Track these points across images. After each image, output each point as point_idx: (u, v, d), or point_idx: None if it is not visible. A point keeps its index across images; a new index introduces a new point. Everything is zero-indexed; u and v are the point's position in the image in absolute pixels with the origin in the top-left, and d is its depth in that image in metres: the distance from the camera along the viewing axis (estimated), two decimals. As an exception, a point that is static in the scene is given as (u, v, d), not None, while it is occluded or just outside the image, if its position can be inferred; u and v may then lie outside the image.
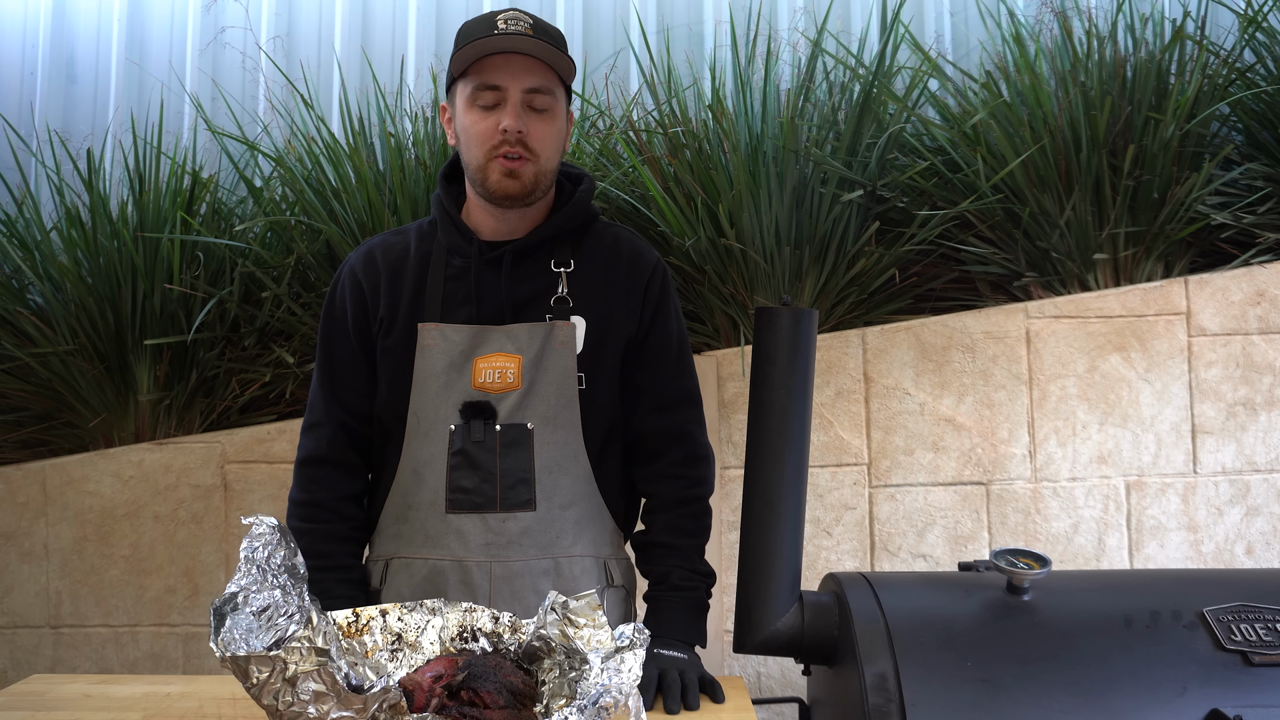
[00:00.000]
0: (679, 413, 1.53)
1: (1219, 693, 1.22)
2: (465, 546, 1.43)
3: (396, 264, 1.51)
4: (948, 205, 2.55)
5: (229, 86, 3.07)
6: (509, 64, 1.40)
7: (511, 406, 1.44)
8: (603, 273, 1.50)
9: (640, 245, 1.55)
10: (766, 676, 2.37)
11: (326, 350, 1.53)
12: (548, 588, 1.44)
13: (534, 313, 1.47)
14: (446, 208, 1.51)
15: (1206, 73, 2.57)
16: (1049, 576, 1.36)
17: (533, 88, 1.41)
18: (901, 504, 2.38)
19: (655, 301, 1.52)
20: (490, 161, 1.42)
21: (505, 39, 1.39)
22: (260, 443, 2.46)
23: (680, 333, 1.55)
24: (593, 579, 1.48)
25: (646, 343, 1.51)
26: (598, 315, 1.48)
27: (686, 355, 1.56)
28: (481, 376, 1.44)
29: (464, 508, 1.43)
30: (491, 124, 1.41)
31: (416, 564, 1.46)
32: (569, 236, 1.51)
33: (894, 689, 1.24)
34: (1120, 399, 2.39)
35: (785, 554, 1.46)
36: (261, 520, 1.04)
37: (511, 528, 1.43)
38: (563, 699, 1.07)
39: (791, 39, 2.91)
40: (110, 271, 2.57)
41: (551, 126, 1.44)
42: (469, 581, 1.43)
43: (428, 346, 1.45)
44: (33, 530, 2.47)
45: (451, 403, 1.44)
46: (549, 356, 1.45)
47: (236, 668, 0.94)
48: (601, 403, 1.49)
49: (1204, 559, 2.36)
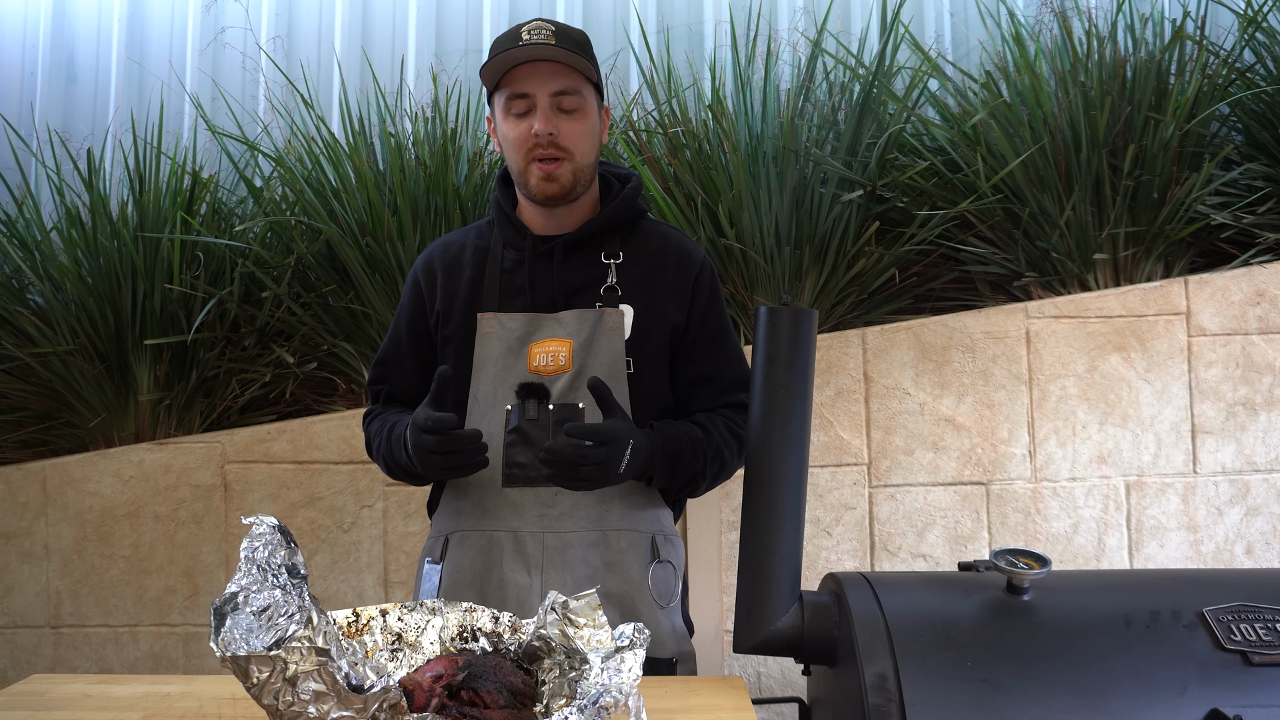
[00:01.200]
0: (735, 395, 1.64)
1: (1219, 693, 1.22)
2: (520, 518, 1.51)
3: (453, 261, 1.63)
4: (948, 205, 2.55)
5: (229, 86, 3.07)
6: (535, 72, 1.50)
7: (563, 388, 1.52)
8: (651, 265, 1.59)
9: (688, 242, 1.65)
10: (766, 676, 2.37)
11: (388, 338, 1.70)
12: (596, 559, 1.51)
13: (584, 300, 1.56)
14: (503, 206, 1.62)
15: (1206, 73, 2.57)
16: (1049, 576, 1.36)
17: (559, 90, 1.50)
18: (901, 504, 2.39)
19: (706, 295, 1.62)
20: (529, 165, 1.52)
21: (527, 49, 1.48)
22: (260, 443, 2.46)
23: (730, 323, 1.67)
24: (638, 552, 1.54)
25: (701, 334, 1.61)
26: (646, 305, 1.57)
27: (738, 344, 1.67)
28: (536, 360, 1.53)
29: (519, 482, 1.52)
30: (525, 129, 1.51)
31: (474, 536, 1.54)
32: (618, 230, 1.61)
33: (894, 689, 1.24)
34: (1120, 399, 2.39)
35: (785, 554, 1.46)
36: (261, 520, 1.04)
37: (563, 500, 1.51)
38: (563, 699, 1.07)
39: (791, 39, 2.91)
40: (110, 271, 2.57)
41: (582, 125, 1.53)
42: (523, 551, 1.51)
43: (486, 334, 1.55)
44: (33, 530, 2.47)
45: (508, 385, 1.53)
46: (598, 341, 1.53)
47: (236, 668, 0.94)
48: (649, 386, 1.58)
49: (1204, 559, 2.36)
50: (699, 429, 1.57)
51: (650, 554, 1.55)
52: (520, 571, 1.50)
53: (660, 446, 1.51)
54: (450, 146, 2.67)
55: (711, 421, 1.59)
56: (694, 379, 1.62)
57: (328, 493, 2.45)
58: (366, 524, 2.45)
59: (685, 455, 1.54)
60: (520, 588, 1.49)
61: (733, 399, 1.63)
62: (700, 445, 1.56)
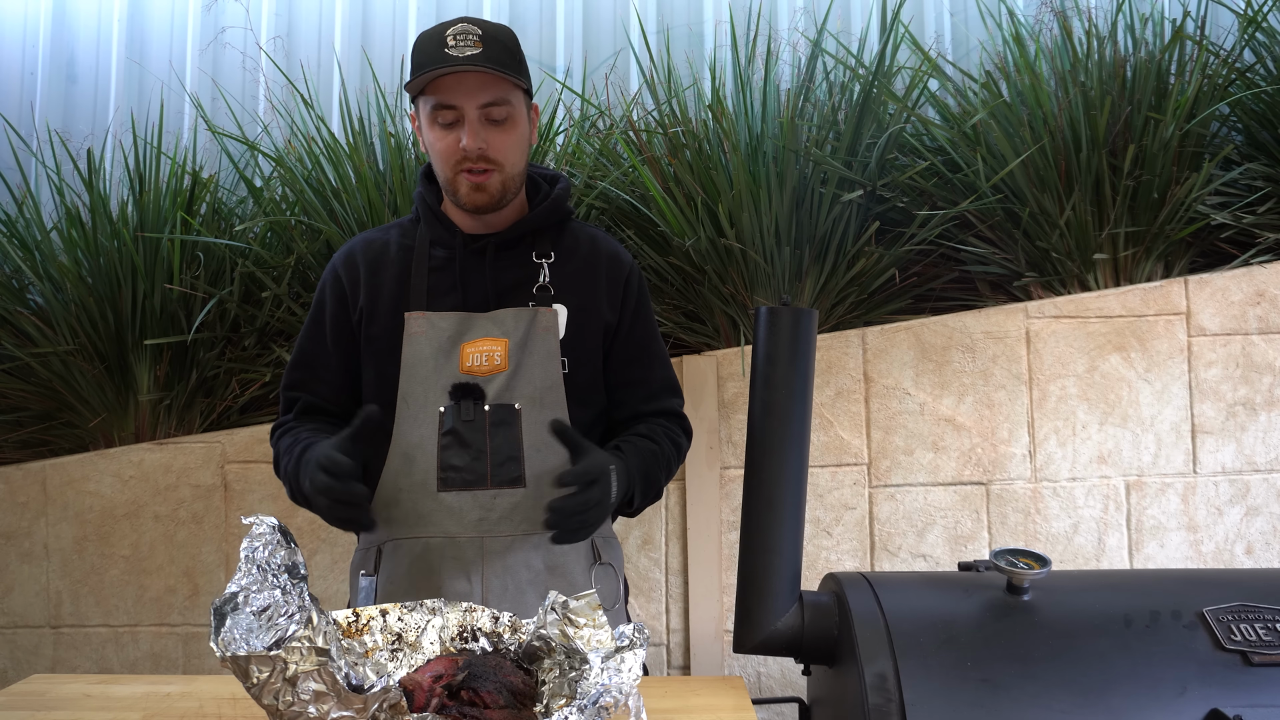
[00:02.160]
0: (665, 400, 1.63)
1: (1219, 693, 1.22)
2: (458, 523, 1.48)
3: (377, 258, 1.58)
4: (948, 205, 2.55)
5: (229, 86, 3.07)
6: (461, 82, 1.46)
7: (499, 388, 1.49)
8: (583, 266, 1.59)
9: (616, 245, 1.66)
10: (766, 676, 2.37)
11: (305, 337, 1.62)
12: (538, 562, 1.49)
13: (517, 299, 1.54)
14: (429, 203, 1.59)
15: (1206, 73, 2.57)
16: (1049, 576, 1.36)
17: (488, 102, 1.47)
18: (901, 504, 2.39)
19: (635, 297, 1.62)
20: (457, 176, 1.50)
21: (454, 64, 1.43)
22: (260, 443, 2.46)
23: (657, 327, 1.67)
24: (580, 554, 1.53)
25: (631, 338, 1.61)
26: (578, 304, 1.56)
27: (664, 347, 1.68)
28: (469, 360, 1.50)
29: (455, 485, 1.48)
30: (453, 141, 1.48)
31: (408, 544, 1.50)
32: (548, 231, 1.60)
33: (894, 689, 1.24)
34: (1120, 399, 2.39)
35: (785, 554, 1.46)
36: (261, 520, 1.04)
37: (502, 503, 1.48)
38: (563, 699, 1.07)
39: (791, 39, 2.91)
40: (110, 271, 2.57)
41: (511, 135, 1.50)
42: (461, 557, 1.47)
43: (415, 334, 1.51)
44: (33, 530, 2.47)
45: (440, 386, 1.49)
46: (534, 340, 1.51)
47: (237, 668, 0.94)
48: (585, 385, 1.56)
49: (1204, 559, 2.36)
50: (650, 442, 1.56)
51: (591, 556, 1.53)
52: (459, 578, 1.46)
53: (635, 466, 1.49)
54: (450, 146, 2.67)
55: (654, 433, 1.58)
56: (624, 382, 1.61)
57: (328, 493, 2.45)
58: (366, 524, 2.45)
59: (653, 471, 1.53)
60: (460, 594, 1.46)
61: (665, 404, 1.63)
62: (659, 458, 1.55)
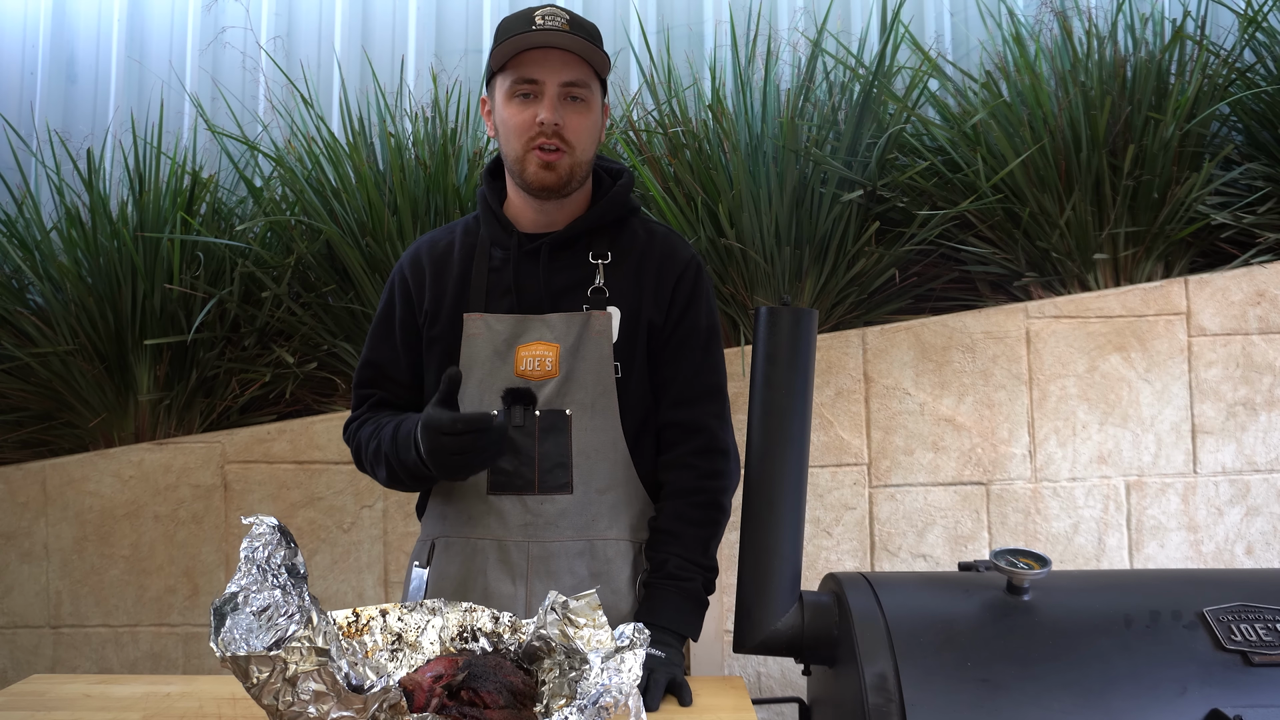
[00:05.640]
0: (699, 406, 1.54)
1: (1219, 693, 1.21)
2: (505, 527, 1.48)
3: (441, 259, 1.57)
4: (948, 205, 2.55)
5: (229, 86, 3.07)
6: (546, 58, 1.45)
7: (550, 393, 1.48)
8: (637, 267, 1.53)
9: (675, 241, 1.58)
10: (766, 676, 2.37)
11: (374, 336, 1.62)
12: (583, 569, 1.48)
13: (571, 303, 1.51)
14: (489, 201, 1.57)
15: (1206, 73, 2.57)
16: (1049, 576, 1.36)
17: (569, 81, 1.45)
18: (901, 504, 2.38)
19: (686, 297, 1.54)
20: (528, 153, 1.46)
21: (543, 34, 1.43)
22: (260, 443, 2.46)
23: (710, 329, 1.57)
24: (626, 562, 1.50)
25: (673, 336, 1.54)
26: (631, 307, 1.52)
27: (715, 352, 1.57)
28: (523, 364, 1.49)
29: (504, 489, 1.48)
30: (529, 116, 1.45)
31: (458, 543, 1.51)
32: (607, 229, 1.55)
33: (894, 689, 1.24)
34: (1120, 399, 2.39)
35: (785, 554, 1.46)
36: (261, 520, 1.04)
37: (549, 509, 1.48)
38: (563, 699, 1.07)
39: (791, 39, 2.91)
40: (110, 271, 2.57)
41: (587, 119, 1.48)
42: (507, 560, 1.48)
43: (473, 335, 1.51)
44: (33, 530, 2.47)
45: (495, 389, 1.48)
46: (585, 345, 1.49)
47: (237, 668, 0.94)
48: (637, 391, 1.53)
49: (1204, 559, 2.36)
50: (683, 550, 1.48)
51: (637, 562, 1.51)
52: (504, 580, 1.47)
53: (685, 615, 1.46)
54: (450, 146, 2.67)
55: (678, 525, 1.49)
56: (658, 380, 1.54)
57: (328, 493, 2.45)
58: (366, 524, 2.45)
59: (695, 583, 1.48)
60: (504, 597, 1.46)
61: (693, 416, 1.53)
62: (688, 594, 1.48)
